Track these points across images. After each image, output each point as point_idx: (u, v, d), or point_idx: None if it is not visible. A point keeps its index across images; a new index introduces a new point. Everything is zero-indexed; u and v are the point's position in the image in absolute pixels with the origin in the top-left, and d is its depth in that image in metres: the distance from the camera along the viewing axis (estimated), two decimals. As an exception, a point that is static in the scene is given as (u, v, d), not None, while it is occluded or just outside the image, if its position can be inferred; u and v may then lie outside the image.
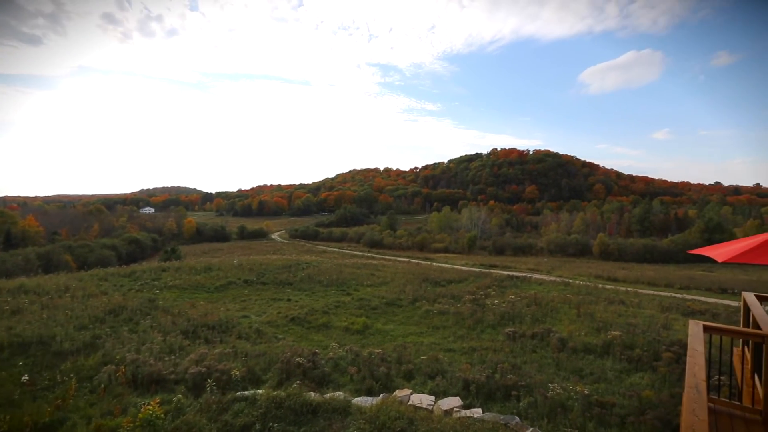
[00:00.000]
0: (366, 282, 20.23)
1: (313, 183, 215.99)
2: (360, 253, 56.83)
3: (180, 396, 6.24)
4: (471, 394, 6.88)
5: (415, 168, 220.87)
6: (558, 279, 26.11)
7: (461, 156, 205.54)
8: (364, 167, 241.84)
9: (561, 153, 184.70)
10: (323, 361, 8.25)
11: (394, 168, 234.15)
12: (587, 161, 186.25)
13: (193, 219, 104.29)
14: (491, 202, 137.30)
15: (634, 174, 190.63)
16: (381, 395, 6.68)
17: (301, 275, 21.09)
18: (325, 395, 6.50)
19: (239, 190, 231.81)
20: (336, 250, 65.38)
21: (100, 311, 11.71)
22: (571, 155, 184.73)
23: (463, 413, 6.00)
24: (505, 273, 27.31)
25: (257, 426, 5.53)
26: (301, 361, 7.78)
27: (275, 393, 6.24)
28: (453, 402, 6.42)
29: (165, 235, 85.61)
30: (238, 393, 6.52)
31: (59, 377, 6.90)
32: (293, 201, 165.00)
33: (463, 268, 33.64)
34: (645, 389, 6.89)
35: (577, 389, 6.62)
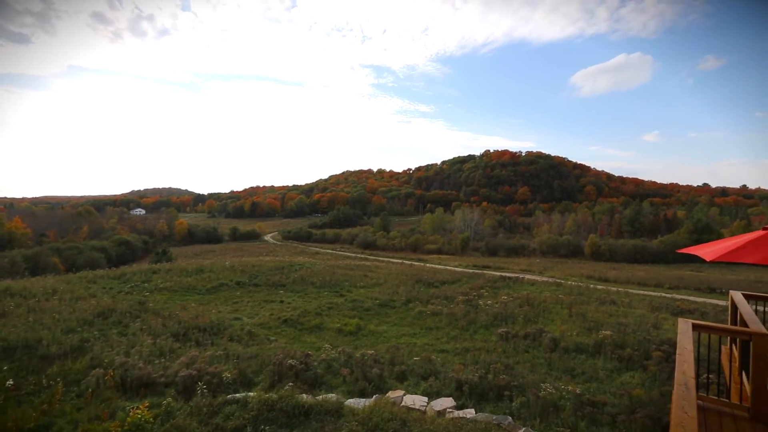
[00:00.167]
0: (359, 283, 20.18)
1: (306, 184, 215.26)
2: (353, 255, 56.72)
3: (170, 399, 6.15)
4: (464, 394, 6.88)
5: (409, 169, 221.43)
6: (550, 279, 26.29)
7: (454, 157, 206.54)
8: (357, 168, 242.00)
9: (553, 155, 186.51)
10: (316, 363, 8.19)
11: (387, 169, 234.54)
12: (579, 163, 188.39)
13: (185, 220, 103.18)
14: (484, 203, 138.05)
15: (624, 175, 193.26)
16: (374, 396, 6.65)
17: (294, 277, 20.97)
18: (318, 397, 6.46)
19: (231, 191, 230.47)
20: (329, 251, 65.17)
21: (88, 314, 11.52)
22: (563, 157, 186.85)
23: (456, 414, 6.00)
24: (498, 274, 27.43)
25: (248, 429, 5.47)
26: (294, 363, 7.72)
27: (267, 395, 6.18)
28: (446, 403, 6.42)
29: (156, 237, 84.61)
30: (229, 396, 6.45)
31: (45, 382, 6.76)
32: (286, 202, 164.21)
33: (456, 269, 33.74)
34: (636, 388, 6.94)
35: (569, 389, 6.66)
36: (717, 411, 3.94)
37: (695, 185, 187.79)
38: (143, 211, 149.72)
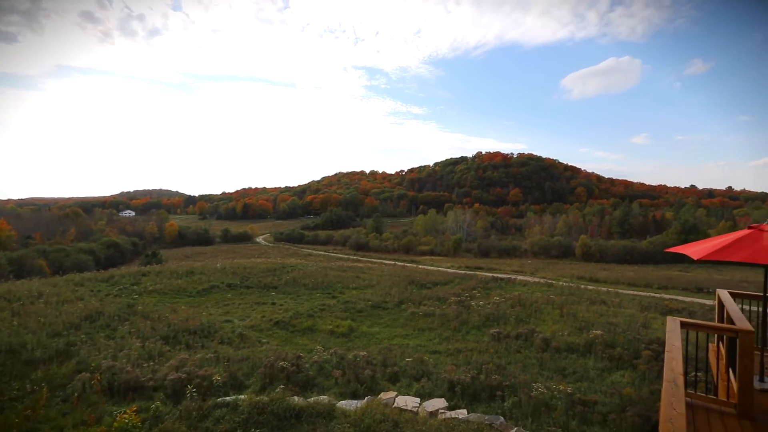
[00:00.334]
0: (351, 285, 20.11)
1: (299, 186, 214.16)
2: (346, 256, 56.63)
3: (158, 403, 6.05)
4: (456, 395, 6.88)
5: (401, 171, 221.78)
6: (542, 280, 26.50)
7: (447, 159, 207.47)
8: (350, 170, 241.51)
9: (544, 156, 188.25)
10: (307, 365, 8.13)
11: (380, 171, 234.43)
12: (569, 165, 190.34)
13: (176, 222, 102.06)
14: (476, 204, 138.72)
15: (614, 177, 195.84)
16: (366, 398, 6.62)
17: (286, 278, 20.83)
18: (309, 399, 6.40)
19: (223, 193, 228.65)
20: (321, 253, 64.96)
21: (75, 317, 11.30)
22: (554, 159, 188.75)
23: (449, 414, 5.99)
24: (490, 275, 27.56)
25: (239, 432, 5.40)
26: (285, 365, 7.66)
27: (258, 398, 6.12)
28: (438, 403, 6.41)
29: (146, 239, 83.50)
30: (219, 399, 6.37)
31: (29, 387, 6.60)
32: (278, 204, 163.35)
33: (449, 270, 33.84)
34: (626, 387, 7.01)
35: (561, 388, 6.70)
36: (705, 408, 3.99)
37: (683, 187, 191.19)
38: (133, 213, 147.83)
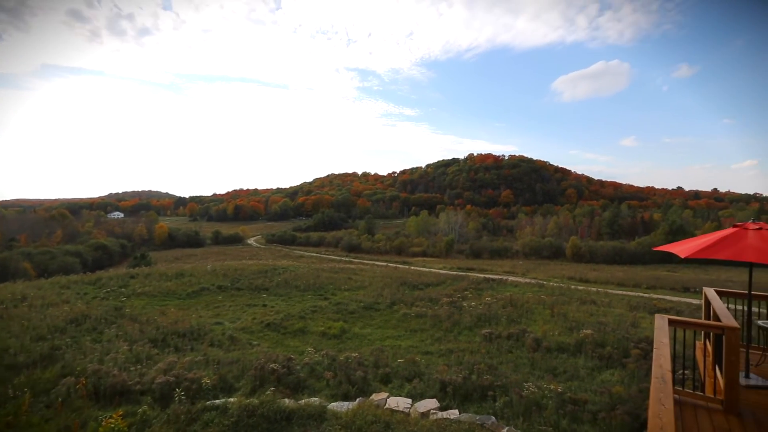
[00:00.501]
0: (343, 286, 20.04)
1: (291, 187, 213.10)
2: (338, 258, 56.44)
3: (145, 407, 5.94)
4: (448, 395, 6.88)
5: (394, 172, 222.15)
6: (533, 281, 26.70)
7: (439, 161, 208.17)
8: (342, 171, 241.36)
9: (535, 158, 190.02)
10: (299, 367, 8.06)
11: (372, 172, 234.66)
12: (560, 166, 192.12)
13: (165, 224, 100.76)
14: (468, 206, 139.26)
15: (603, 179, 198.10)
16: (357, 400, 6.57)
17: (278, 280, 20.68)
18: (300, 401, 6.34)
19: (214, 194, 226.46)
20: (313, 254, 64.66)
21: (60, 321, 11.08)
22: (545, 161, 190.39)
23: (440, 415, 5.98)
24: (482, 276, 27.70)
25: (228, 436, 5.32)
26: (276, 367, 7.58)
27: (248, 401, 6.04)
28: (430, 404, 6.40)
29: (135, 241, 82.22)
30: (208, 402, 6.27)
31: (12, 392, 6.42)
32: (270, 205, 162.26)
33: (441, 271, 33.92)
34: (615, 385, 7.07)
35: (552, 387, 6.73)
36: (692, 404, 4.04)
37: (670, 188, 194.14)
38: (121, 215, 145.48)
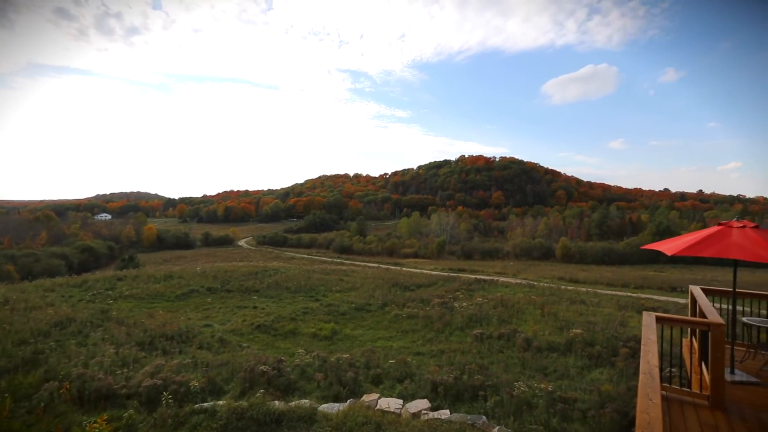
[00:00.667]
0: (335, 288, 19.95)
1: (282, 189, 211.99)
2: (329, 259, 56.21)
3: (131, 411, 5.81)
4: (439, 396, 6.87)
5: (385, 174, 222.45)
6: (523, 281, 26.90)
7: (430, 162, 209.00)
8: (333, 173, 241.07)
9: (525, 160, 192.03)
10: (289, 369, 7.98)
11: (364, 174, 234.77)
12: (550, 168, 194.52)
13: (154, 226, 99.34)
14: (459, 207, 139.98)
15: (592, 181, 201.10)
16: (348, 401, 6.53)
17: (268, 282, 20.52)
18: (290, 403, 6.27)
19: (204, 195, 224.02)
20: (305, 256, 64.32)
21: (44, 324, 10.80)
22: (535, 162, 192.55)
23: (431, 415, 5.97)
24: (473, 277, 27.83)
25: (216, 439, 5.23)
26: (266, 369, 7.49)
27: (237, 403, 5.95)
28: (421, 404, 6.38)
29: (122, 243, 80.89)
30: (196, 405, 6.17)
31: (-8, 397, 6.24)
32: (261, 207, 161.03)
33: (432, 272, 33.99)
34: (604, 384, 7.13)
35: (542, 387, 6.76)
36: (679, 400, 4.10)
37: (657, 190, 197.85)
38: (109, 216, 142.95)
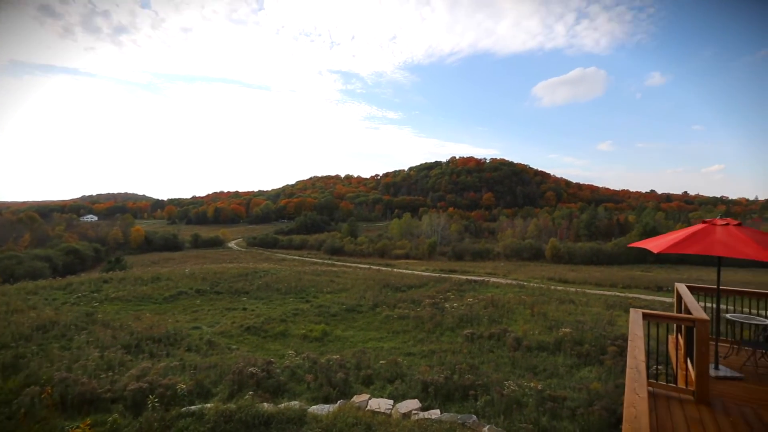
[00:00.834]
0: (326, 289, 19.86)
1: (273, 190, 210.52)
2: (320, 261, 55.95)
3: (116, 416, 5.68)
4: (430, 395, 6.86)
5: (377, 175, 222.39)
6: (514, 282, 27.10)
7: (421, 164, 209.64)
8: (325, 174, 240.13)
9: (516, 162, 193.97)
10: (279, 370, 7.90)
11: (355, 175, 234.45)
12: (539, 170, 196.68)
13: (142, 227, 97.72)
14: (450, 208, 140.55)
15: (581, 182, 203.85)
16: (338, 402, 6.48)
17: (258, 283, 20.34)
18: (280, 405, 6.20)
19: (193, 197, 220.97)
20: (296, 257, 63.93)
21: (26, 328, 10.54)
22: (525, 164, 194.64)
23: (422, 415, 5.95)
24: (464, 277, 27.94)
25: (204, 442, 5.14)
26: (255, 371, 7.40)
27: (225, 406, 5.86)
28: (411, 405, 6.36)
29: (109, 245, 79.36)
30: (183, 408, 6.06)
31: (-30, 403, 6.06)
32: (251, 208, 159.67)
33: (424, 273, 34.05)
34: (593, 382, 7.21)
35: (532, 385, 6.80)
36: (665, 396, 4.15)
37: (643, 191, 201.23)
38: (95, 218, 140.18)
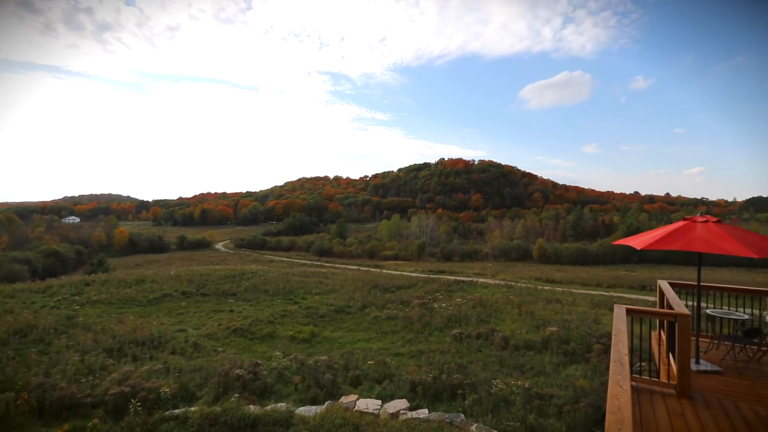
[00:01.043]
0: (314, 290, 19.73)
1: (261, 191, 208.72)
2: (309, 262, 55.59)
3: (95, 421, 5.53)
4: (418, 395, 6.85)
5: (366, 176, 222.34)
6: (501, 282, 27.35)
7: (410, 165, 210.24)
8: (314, 175, 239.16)
9: (504, 163, 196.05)
10: (266, 372, 7.80)
11: (344, 176, 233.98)
12: (527, 171, 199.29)
13: (126, 229, 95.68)
14: (439, 210, 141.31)
15: (567, 184, 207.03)
16: (326, 403, 6.43)
17: (246, 285, 20.09)
18: (266, 407, 6.11)
19: (180, 198, 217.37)
20: (284, 259, 63.41)
21: (2, 332, 10.19)
22: (513, 166, 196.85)
23: (410, 415, 5.94)
24: (453, 278, 28.09)
25: (187, 446, 5.04)
26: (241, 373, 7.29)
27: (210, 409, 5.75)
28: (399, 404, 6.34)
29: (92, 247, 77.60)
30: (167, 412, 5.93)
31: (-59, 410, 5.82)
32: (239, 210, 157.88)
33: (413, 274, 34.12)
34: (579, 379, 7.30)
35: (519, 384, 6.85)
36: (648, 390, 4.23)
37: (628, 193, 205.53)
38: (77, 219, 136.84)
